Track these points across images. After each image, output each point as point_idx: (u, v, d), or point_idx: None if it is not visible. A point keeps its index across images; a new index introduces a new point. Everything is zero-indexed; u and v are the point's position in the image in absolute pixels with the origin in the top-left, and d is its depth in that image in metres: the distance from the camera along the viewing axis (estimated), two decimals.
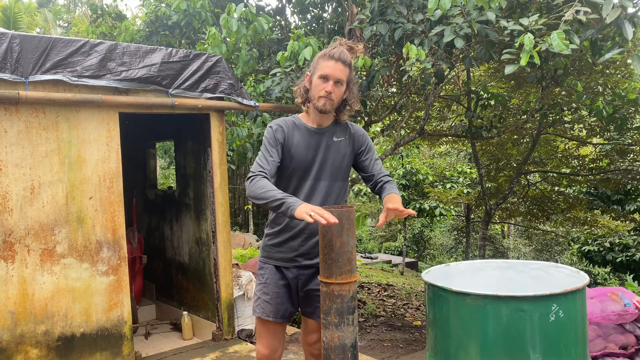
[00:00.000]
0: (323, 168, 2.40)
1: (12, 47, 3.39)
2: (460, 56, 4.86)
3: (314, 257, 2.41)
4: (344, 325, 2.01)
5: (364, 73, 4.76)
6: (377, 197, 2.65)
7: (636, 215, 10.39)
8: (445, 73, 5.38)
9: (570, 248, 12.32)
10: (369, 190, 14.84)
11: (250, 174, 2.30)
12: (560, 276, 2.31)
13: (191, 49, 5.89)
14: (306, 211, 1.96)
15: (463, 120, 7.47)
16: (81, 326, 3.73)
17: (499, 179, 10.02)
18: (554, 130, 8.02)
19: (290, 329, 4.92)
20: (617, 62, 6.33)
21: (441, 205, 12.94)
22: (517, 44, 3.47)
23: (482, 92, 6.87)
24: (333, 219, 1.91)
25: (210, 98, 4.29)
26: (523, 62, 3.34)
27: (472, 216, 12.40)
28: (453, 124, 8.39)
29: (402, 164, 13.81)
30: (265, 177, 2.26)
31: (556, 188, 10.21)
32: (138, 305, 5.14)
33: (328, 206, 2.14)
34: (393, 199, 2.28)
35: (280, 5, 6.95)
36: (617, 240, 9.84)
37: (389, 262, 15.43)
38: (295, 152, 2.37)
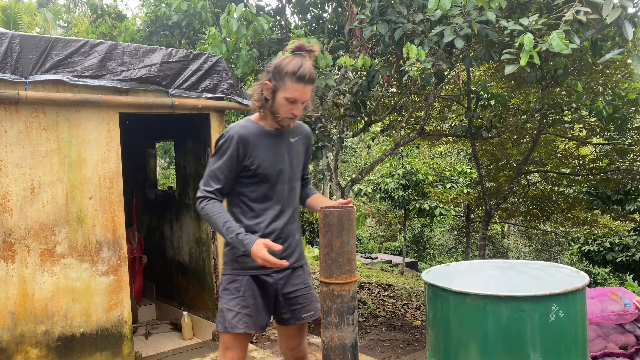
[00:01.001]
0: (287, 171, 2.37)
1: (12, 47, 3.40)
2: (460, 56, 4.86)
3: (290, 256, 2.38)
4: (344, 325, 2.01)
5: (364, 73, 4.76)
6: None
7: (636, 215, 10.38)
8: (445, 73, 5.38)
9: (570, 248, 12.32)
10: (369, 190, 14.84)
11: (199, 194, 2.27)
12: (560, 276, 2.31)
13: (191, 49, 5.89)
14: (259, 257, 2.11)
15: (463, 120, 7.46)
16: (81, 326, 3.73)
17: (499, 179, 10.01)
18: (554, 130, 8.02)
19: None
20: (617, 62, 6.33)
21: (441, 205, 12.93)
22: (517, 44, 3.47)
23: (482, 92, 6.87)
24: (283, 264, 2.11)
25: (210, 98, 4.29)
26: (523, 62, 3.34)
27: (472, 216, 12.39)
28: (453, 124, 8.39)
29: (402, 164, 13.80)
30: (215, 199, 2.27)
31: (556, 188, 10.20)
32: (138, 305, 5.14)
33: (328, 206, 2.14)
34: (324, 199, 2.50)
35: (280, 5, 6.94)
36: (617, 240, 9.84)
37: (389, 262, 15.43)
38: (261, 159, 2.30)
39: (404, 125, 7.90)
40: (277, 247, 2.15)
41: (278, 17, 6.95)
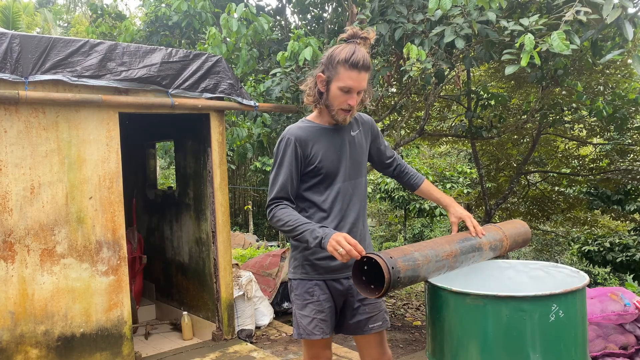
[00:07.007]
0: (350, 166, 2.28)
1: (12, 47, 3.40)
2: (461, 56, 4.86)
3: None
4: None
5: None
6: (397, 181, 2.58)
7: (636, 215, 10.38)
8: (446, 73, 5.38)
9: (570, 248, 12.30)
10: (369, 190, 14.89)
11: (268, 202, 2.18)
12: (560, 276, 2.30)
13: (191, 49, 5.89)
14: (335, 246, 1.91)
15: (463, 120, 7.46)
16: (81, 326, 3.73)
17: (499, 179, 10.01)
18: (554, 130, 8.01)
19: (290, 329, 4.92)
20: (618, 62, 6.32)
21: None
22: (517, 45, 3.47)
23: (482, 92, 6.86)
24: (360, 254, 1.89)
25: (210, 98, 4.29)
26: (524, 62, 3.33)
27: (472, 216, 12.38)
28: (453, 124, 8.38)
29: None
30: (284, 204, 2.16)
31: (556, 188, 10.19)
32: (138, 305, 5.14)
33: None
34: (450, 201, 2.60)
35: (280, 5, 6.94)
36: (617, 240, 9.83)
37: None
38: (322, 159, 2.21)
39: (404, 125, 7.89)
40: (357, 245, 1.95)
41: (278, 17, 6.95)
